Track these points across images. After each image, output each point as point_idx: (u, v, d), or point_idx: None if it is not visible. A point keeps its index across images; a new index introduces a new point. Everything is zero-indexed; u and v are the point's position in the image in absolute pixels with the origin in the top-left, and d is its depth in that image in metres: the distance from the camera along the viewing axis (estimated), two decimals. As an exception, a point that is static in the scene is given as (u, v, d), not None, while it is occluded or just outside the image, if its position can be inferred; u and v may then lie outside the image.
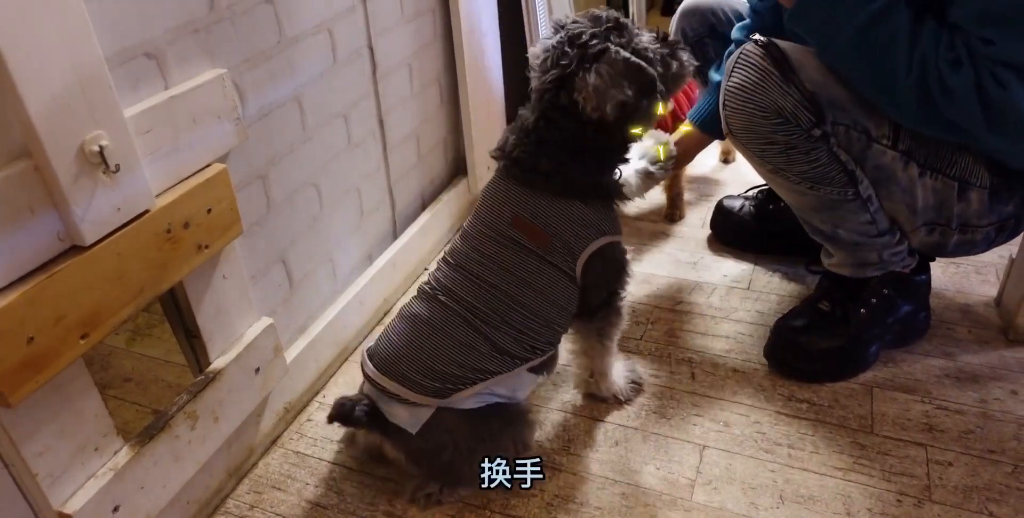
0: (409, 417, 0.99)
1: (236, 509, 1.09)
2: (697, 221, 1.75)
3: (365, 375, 1.03)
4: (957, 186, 1.11)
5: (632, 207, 1.82)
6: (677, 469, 1.11)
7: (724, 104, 1.12)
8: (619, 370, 1.24)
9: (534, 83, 1.01)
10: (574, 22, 0.98)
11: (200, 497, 1.06)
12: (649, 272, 1.57)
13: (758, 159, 1.15)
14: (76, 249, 0.77)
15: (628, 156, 1.08)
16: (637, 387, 1.25)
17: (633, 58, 0.96)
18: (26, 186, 0.71)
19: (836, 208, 1.15)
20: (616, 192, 1.07)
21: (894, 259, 1.22)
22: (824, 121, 1.07)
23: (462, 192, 1.76)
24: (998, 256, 1.52)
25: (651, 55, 0.98)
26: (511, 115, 1.88)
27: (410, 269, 1.57)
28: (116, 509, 0.86)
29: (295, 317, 1.25)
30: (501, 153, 1.05)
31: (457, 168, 1.79)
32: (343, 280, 1.37)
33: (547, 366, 1.10)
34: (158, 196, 0.86)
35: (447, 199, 1.69)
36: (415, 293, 1.09)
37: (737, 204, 1.64)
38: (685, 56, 1.03)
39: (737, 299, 1.47)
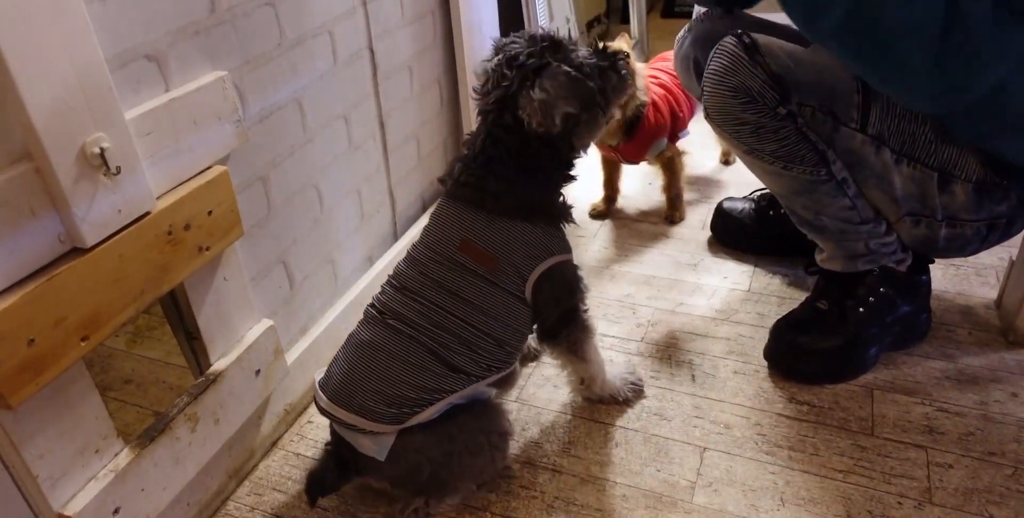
0: (374, 445, 0.97)
1: (236, 511, 1.09)
2: (697, 223, 1.75)
3: (319, 409, 1.01)
4: (937, 176, 1.13)
5: (633, 209, 1.83)
6: (678, 471, 1.11)
7: (703, 90, 1.20)
8: (617, 371, 1.24)
9: (478, 106, 1.01)
10: (512, 43, 0.99)
11: (201, 499, 1.06)
12: (649, 274, 1.57)
13: (733, 140, 1.22)
14: (77, 251, 0.77)
15: (574, 174, 1.07)
16: (636, 388, 1.25)
17: (573, 72, 0.97)
18: (27, 188, 0.71)
19: (812, 190, 1.19)
20: (564, 213, 1.07)
21: (883, 250, 1.23)
22: (788, 100, 1.13)
23: (462, 194, 1.76)
24: (998, 258, 1.52)
25: (587, 70, 0.98)
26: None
27: (410, 271, 1.57)
28: (116, 511, 0.86)
29: (296, 319, 1.25)
30: (448, 177, 1.05)
31: (457, 170, 1.79)
32: (344, 282, 1.37)
33: (507, 381, 1.09)
34: (159, 198, 0.86)
35: (447, 201, 1.69)
36: (361, 317, 1.06)
37: (737, 206, 1.64)
38: (623, 69, 1.04)
39: (737, 301, 1.47)
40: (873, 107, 1.11)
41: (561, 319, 1.10)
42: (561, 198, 1.07)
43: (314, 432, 1.22)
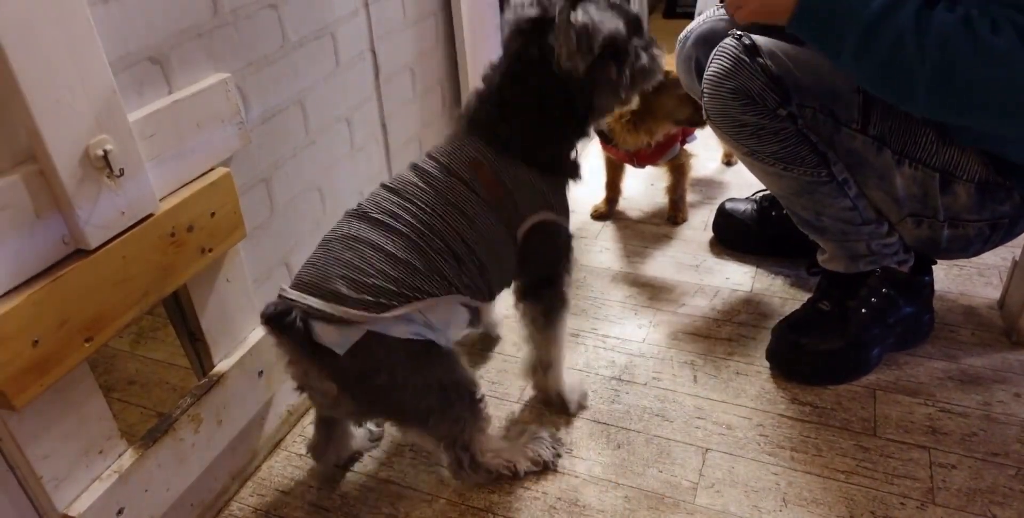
0: (339, 336, 0.88)
1: (240, 511, 1.09)
2: (699, 224, 1.75)
3: (288, 300, 0.90)
4: (939, 177, 1.13)
5: (635, 211, 1.83)
6: (680, 472, 1.11)
7: (703, 92, 1.20)
8: (573, 381, 1.23)
9: (509, 22, 0.97)
10: None
11: (204, 500, 1.06)
12: (651, 275, 1.57)
13: (733, 142, 1.22)
14: (81, 253, 0.78)
15: (589, 131, 1.05)
16: (582, 404, 1.23)
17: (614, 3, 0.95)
18: (31, 190, 0.72)
19: (813, 191, 1.19)
20: (572, 171, 1.05)
21: (885, 251, 1.23)
22: (789, 102, 1.13)
23: (465, 195, 1.76)
24: (1001, 259, 1.52)
25: (633, 9, 0.97)
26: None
27: (413, 272, 1.57)
28: (120, 511, 0.87)
29: (298, 320, 1.25)
30: (464, 115, 1.02)
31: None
32: (346, 283, 1.38)
33: (478, 316, 1.05)
34: (162, 200, 0.87)
35: (450, 202, 1.69)
36: (347, 211, 1.01)
37: (739, 207, 1.64)
38: (658, 52, 1.04)
39: (739, 302, 1.47)
40: (874, 108, 1.11)
41: (543, 280, 1.09)
42: (573, 153, 1.05)
43: (317, 433, 1.23)
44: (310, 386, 0.97)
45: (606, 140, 1.65)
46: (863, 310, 1.25)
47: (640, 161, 1.69)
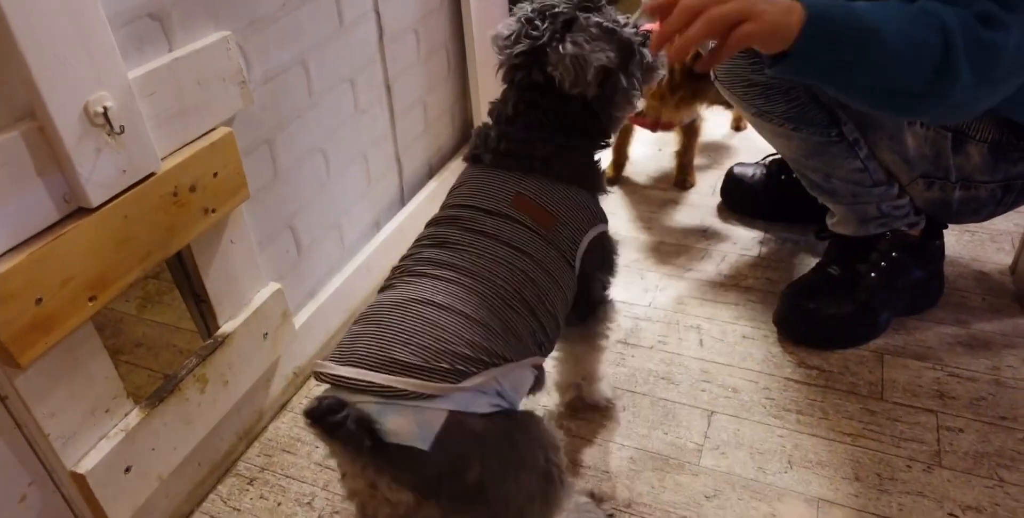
0: (415, 427, 0.69)
1: (247, 471, 1.10)
2: (707, 188, 1.73)
3: (336, 384, 0.72)
4: (951, 137, 1.11)
5: (642, 176, 1.81)
6: (685, 434, 1.11)
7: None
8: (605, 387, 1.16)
9: (500, 59, 0.92)
10: None
11: (211, 459, 1.07)
12: (659, 239, 1.56)
13: (743, 102, 1.20)
14: (82, 211, 0.77)
15: (609, 141, 0.99)
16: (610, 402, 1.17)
17: (606, 22, 0.88)
18: (31, 147, 0.71)
19: (823, 153, 1.17)
20: (602, 179, 0.98)
21: (896, 213, 1.21)
22: None
23: (471, 160, 1.74)
24: (1014, 224, 1.50)
25: (626, 32, 0.90)
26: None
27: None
28: (128, 470, 0.87)
29: (303, 283, 1.25)
30: (483, 150, 0.93)
31: (464, 136, 1.78)
32: (351, 246, 1.37)
33: (542, 378, 0.91)
34: (164, 159, 0.86)
35: (454, 167, 1.68)
36: (384, 284, 0.86)
37: (748, 171, 1.62)
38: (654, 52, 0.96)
39: (747, 266, 1.46)
40: None
41: (599, 299, 1.02)
42: (599, 164, 0.99)
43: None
44: (375, 500, 0.74)
45: None
46: (872, 274, 1.24)
47: (664, 127, 1.67)
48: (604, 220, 0.97)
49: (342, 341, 0.77)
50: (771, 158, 1.61)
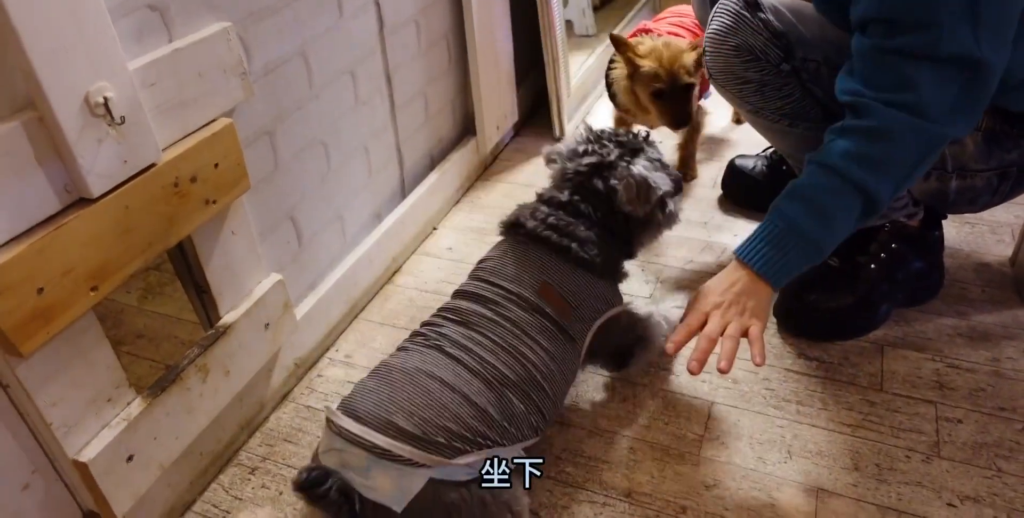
0: (395, 489, 0.78)
1: (248, 461, 1.11)
2: (708, 181, 1.73)
3: (339, 433, 0.82)
4: None
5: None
6: (685, 424, 1.12)
7: (705, 50, 1.20)
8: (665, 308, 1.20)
9: (567, 167, 1.04)
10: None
11: (213, 449, 1.07)
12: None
13: (737, 100, 1.22)
14: (83, 201, 0.77)
15: (632, 257, 1.10)
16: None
17: (661, 158, 1.06)
18: (31, 137, 0.71)
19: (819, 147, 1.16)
20: (621, 276, 1.08)
21: (894, 204, 1.22)
22: (792, 56, 1.12)
23: (470, 152, 1.74)
24: (1014, 216, 1.50)
25: (672, 172, 1.07)
26: (520, 77, 1.86)
27: (418, 228, 1.57)
28: (130, 458, 0.88)
29: (305, 274, 1.25)
30: (528, 219, 1.02)
31: (465, 128, 1.78)
32: (352, 238, 1.37)
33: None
34: (165, 150, 0.86)
35: (455, 159, 1.68)
36: (401, 345, 0.96)
37: (749, 164, 1.62)
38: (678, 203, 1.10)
39: (748, 259, 1.46)
40: None
41: (629, 348, 1.11)
42: (622, 264, 1.08)
43: (324, 385, 1.24)
44: None
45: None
46: (872, 266, 1.24)
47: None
48: (618, 304, 1.06)
49: (353, 393, 0.87)
50: (771, 150, 1.61)
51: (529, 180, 1.79)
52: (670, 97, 1.48)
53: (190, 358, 0.96)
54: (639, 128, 1.56)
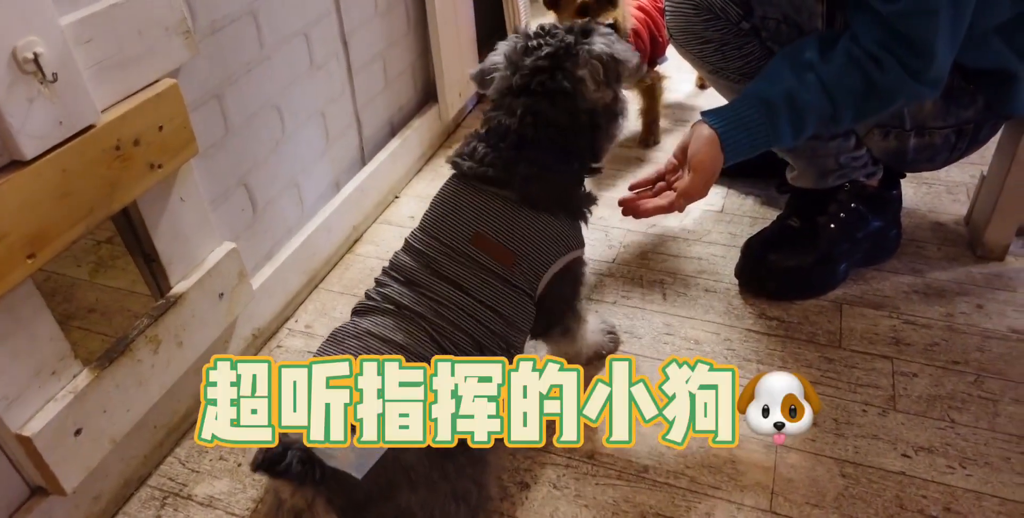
0: (356, 458, 0.76)
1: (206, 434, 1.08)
2: (671, 147, 1.72)
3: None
4: None
5: (606, 133, 1.79)
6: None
7: (665, 10, 1.21)
8: (594, 325, 1.16)
9: (520, 68, 0.90)
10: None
11: (168, 422, 1.05)
12: (622, 197, 1.55)
13: (698, 60, 1.22)
14: (16, 164, 0.74)
15: (599, 166, 1.00)
16: (614, 337, 1.19)
17: (616, 34, 0.95)
18: (-45, 95, 0.68)
19: None
20: (587, 207, 0.98)
21: (853, 164, 1.22)
22: (751, 14, 1.12)
23: (432, 119, 1.71)
24: (969, 176, 1.52)
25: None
26: (483, 43, 1.82)
27: (379, 197, 1.54)
28: (78, 432, 0.85)
29: (261, 243, 1.22)
30: (468, 158, 0.93)
31: (427, 95, 1.74)
32: (310, 207, 1.34)
33: None
34: (104, 111, 0.83)
35: (417, 126, 1.65)
36: (355, 307, 0.92)
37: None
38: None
39: (710, 222, 1.46)
40: (838, 15, 1.08)
41: (559, 314, 1.03)
42: (586, 190, 0.98)
43: (284, 356, 1.22)
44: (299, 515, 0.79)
45: None
46: (832, 225, 1.24)
47: None
48: (576, 246, 0.97)
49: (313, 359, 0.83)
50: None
51: (491, 147, 1.77)
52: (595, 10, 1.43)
53: (139, 329, 0.93)
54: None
